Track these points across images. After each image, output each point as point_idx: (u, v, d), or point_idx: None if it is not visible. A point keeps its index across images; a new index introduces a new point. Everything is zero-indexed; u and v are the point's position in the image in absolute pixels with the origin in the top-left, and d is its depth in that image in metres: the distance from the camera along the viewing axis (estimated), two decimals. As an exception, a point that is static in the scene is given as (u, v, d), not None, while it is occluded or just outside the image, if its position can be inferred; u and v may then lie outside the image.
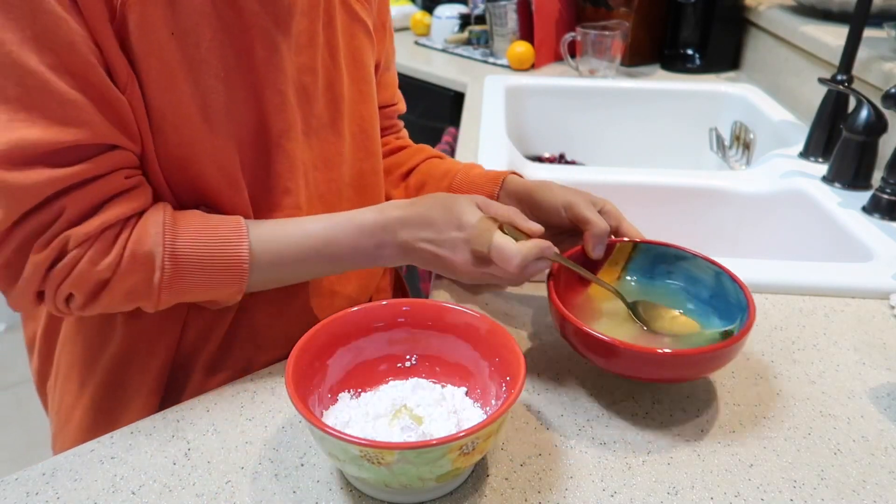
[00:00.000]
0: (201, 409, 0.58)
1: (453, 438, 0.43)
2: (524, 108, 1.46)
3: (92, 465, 0.52)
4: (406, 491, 0.47)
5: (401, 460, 0.43)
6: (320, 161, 0.68)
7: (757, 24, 1.47)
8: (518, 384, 0.48)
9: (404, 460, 0.43)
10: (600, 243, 0.64)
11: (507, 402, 0.47)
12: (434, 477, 0.45)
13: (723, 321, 0.61)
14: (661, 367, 0.54)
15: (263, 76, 0.60)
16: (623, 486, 0.50)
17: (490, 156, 1.06)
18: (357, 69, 0.71)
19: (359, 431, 0.51)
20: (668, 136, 1.45)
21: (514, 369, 0.50)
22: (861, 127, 0.92)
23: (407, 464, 0.44)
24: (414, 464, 0.44)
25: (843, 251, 0.85)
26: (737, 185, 1.04)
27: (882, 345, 0.66)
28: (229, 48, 0.57)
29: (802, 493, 0.50)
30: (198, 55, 0.56)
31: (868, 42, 1.05)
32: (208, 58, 0.56)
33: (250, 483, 0.50)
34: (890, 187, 0.86)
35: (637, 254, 0.66)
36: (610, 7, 1.58)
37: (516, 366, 0.50)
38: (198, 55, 0.56)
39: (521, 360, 0.50)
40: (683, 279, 0.65)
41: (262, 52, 0.59)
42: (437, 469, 0.45)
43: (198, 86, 0.56)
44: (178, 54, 0.55)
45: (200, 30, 0.55)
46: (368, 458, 0.44)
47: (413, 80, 1.71)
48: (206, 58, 0.56)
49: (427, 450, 0.43)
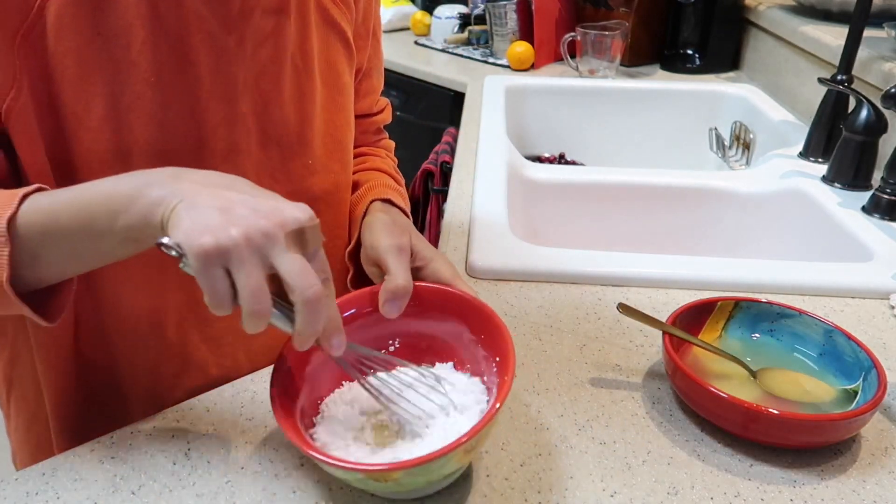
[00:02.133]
0: (201, 409, 0.58)
1: (455, 446, 0.43)
2: (524, 108, 1.46)
3: (92, 465, 0.52)
4: (416, 492, 0.48)
5: (406, 475, 0.44)
6: (281, 173, 0.64)
7: (757, 24, 1.47)
8: (510, 368, 0.48)
9: (410, 475, 0.44)
10: (394, 300, 0.55)
11: (502, 393, 0.46)
12: (441, 477, 0.46)
13: (840, 380, 0.59)
14: (833, 431, 0.52)
15: (208, 85, 0.57)
16: (623, 486, 0.50)
17: (490, 156, 1.06)
18: (331, 76, 0.67)
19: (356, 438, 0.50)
20: (667, 136, 1.45)
21: (502, 348, 0.51)
22: (861, 127, 0.92)
23: (413, 476, 0.44)
24: (419, 475, 0.44)
25: (843, 251, 0.85)
26: (737, 185, 1.04)
27: (882, 345, 0.66)
28: (166, 52, 0.54)
29: (802, 493, 0.50)
30: (127, 57, 0.53)
31: (868, 42, 1.05)
32: (139, 61, 0.53)
33: (250, 483, 0.50)
34: (890, 187, 0.86)
35: (738, 311, 0.65)
36: (610, 7, 1.58)
37: (502, 342, 0.51)
38: (127, 57, 0.53)
39: (505, 335, 0.51)
40: (788, 337, 0.63)
41: (207, 59, 0.56)
42: (444, 471, 0.45)
43: (121, 90, 0.53)
44: (102, 55, 0.52)
45: (133, 31, 0.53)
46: (374, 479, 0.44)
47: (413, 80, 1.71)
48: (136, 60, 0.53)
49: (432, 462, 0.43)
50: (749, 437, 0.54)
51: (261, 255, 0.42)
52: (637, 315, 0.61)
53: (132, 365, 0.64)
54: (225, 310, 0.42)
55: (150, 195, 0.44)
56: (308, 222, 0.44)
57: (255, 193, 0.45)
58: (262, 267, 0.42)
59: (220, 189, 0.45)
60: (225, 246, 0.41)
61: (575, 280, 0.76)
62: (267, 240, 0.42)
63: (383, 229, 0.62)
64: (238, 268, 0.42)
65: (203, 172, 0.47)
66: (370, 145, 0.84)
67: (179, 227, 0.42)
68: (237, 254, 0.41)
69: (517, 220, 0.96)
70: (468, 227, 0.86)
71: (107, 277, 0.59)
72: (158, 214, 0.44)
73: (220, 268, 0.42)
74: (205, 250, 0.41)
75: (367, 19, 0.73)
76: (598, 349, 0.65)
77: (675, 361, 0.56)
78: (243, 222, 0.42)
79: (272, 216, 0.43)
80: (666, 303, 0.72)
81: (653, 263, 0.77)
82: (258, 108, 0.61)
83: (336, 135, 0.69)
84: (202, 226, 0.41)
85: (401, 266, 0.57)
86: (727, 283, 0.74)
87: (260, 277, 0.42)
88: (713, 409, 0.54)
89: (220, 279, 0.42)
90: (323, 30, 0.65)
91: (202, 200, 0.43)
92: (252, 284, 0.42)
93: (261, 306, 0.42)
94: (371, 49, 0.75)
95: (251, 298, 0.42)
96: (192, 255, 0.41)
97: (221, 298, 0.42)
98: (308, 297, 0.42)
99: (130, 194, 0.45)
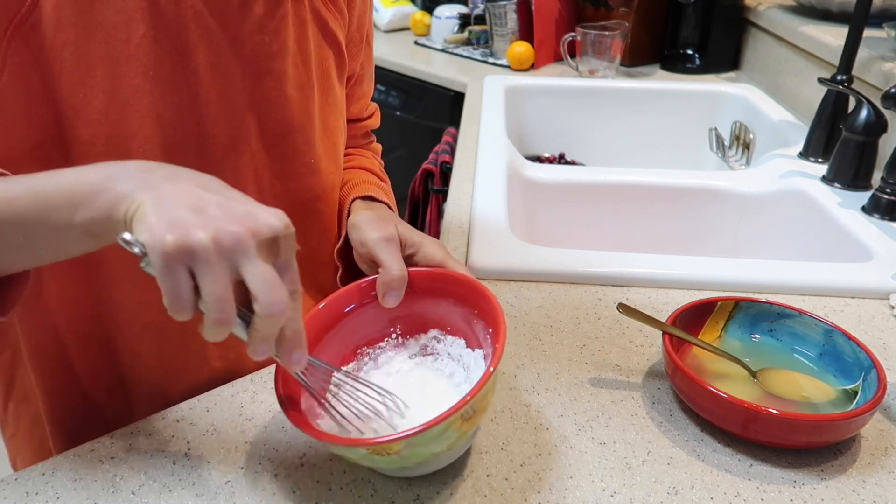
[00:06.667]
0: (201, 409, 0.58)
1: (452, 412, 0.44)
2: (524, 108, 1.46)
3: (92, 465, 0.52)
4: (423, 466, 0.49)
5: (407, 446, 0.44)
6: (283, 171, 0.65)
7: (757, 24, 1.47)
8: (501, 335, 0.49)
9: (411, 446, 0.44)
10: (391, 290, 0.56)
11: (495, 357, 0.47)
12: (445, 448, 0.47)
13: (840, 380, 0.59)
14: (833, 431, 0.52)
15: (207, 80, 0.57)
16: (623, 486, 0.50)
17: (490, 156, 1.06)
18: (325, 79, 0.68)
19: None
20: (667, 136, 1.45)
21: (493, 318, 0.52)
22: (861, 127, 0.92)
23: (414, 447, 0.45)
24: (421, 445, 0.45)
25: (842, 251, 0.85)
26: (737, 185, 1.04)
27: (882, 345, 0.66)
28: (165, 47, 0.54)
29: (802, 493, 0.50)
30: (126, 51, 0.53)
31: (868, 42, 1.05)
32: (138, 55, 0.53)
33: (250, 483, 0.50)
34: (890, 187, 0.86)
35: (738, 311, 0.65)
36: (610, 7, 1.58)
37: (492, 313, 0.52)
38: (126, 51, 0.53)
39: (495, 305, 0.52)
40: (788, 337, 0.63)
41: (206, 54, 0.56)
42: (445, 441, 0.46)
43: (120, 83, 0.53)
44: (101, 48, 0.52)
45: (133, 25, 0.53)
46: (377, 452, 0.44)
47: (413, 80, 1.71)
48: (135, 54, 0.53)
49: (429, 431, 0.43)
50: (749, 437, 0.54)
51: (229, 261, 0.40)
52: (637, 315, 0.61)
53: (136, 360, 0.64)
54: (185, 315, 0.40)
55: (116, 189, 0.42)
56: (283, 231, 0.42)
57: (230, 196, 0.43)
58: (228, 273, 0.40)
59: (193, 187, 0.42)
60: (191, 246, 0.38)
61: (575, 280, 0.76)
62: (238, 245, 0.40)
63: (368, 225, 0.62)
64: (204, 272, 0.39)
65: (176, 168, 0.44)
66: (358, 148, 0.84)
67: (144, 222, 0.39)
68: (204, 257, 0.39)
69: (517, 220, 0.96)
70: (468, 227, 0.86)
71: (108, 271, 0.59)
72: (122, 209, 0.41)
73: (183, 269, 0.39)
74: (168, 249, 0.38)
75: (361, 26, 0.73)
76: (598, 349, 0.65)
77: (675, 361, 0.56)
78: (214, 224, 0.39)
79: (245, 221, 0.40)
80: (666, 303, 0.72)
81: (653, 263, 0.77)
82: (260, 106, 0.61)
83: (332, 137, 0.70)
84: (169, 223, 0.39)
85: (393, 257, 0.57)
86: (727, 283, 0.74)
87: (226, 284, 0.40)
88: (713, 409, 0.54)
89: (182, 281, 0.39)
90: (316, 35, 0.66)
91: (172, 197, 0.41)
92: (217, 291, 0.39)
93: (225, 315, 0.40)
94: (363, 55, 0.76)
95: (215, 306, 0.39)
96: (154, 252, 0.38)
97: (183, 302, 0.39)
98: (272, 312, 0.40)
99: (94, 187, 0.42)
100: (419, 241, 0.61)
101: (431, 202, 1.35)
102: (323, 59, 0.67)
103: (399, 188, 0.84)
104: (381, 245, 0.59)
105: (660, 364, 0.63)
